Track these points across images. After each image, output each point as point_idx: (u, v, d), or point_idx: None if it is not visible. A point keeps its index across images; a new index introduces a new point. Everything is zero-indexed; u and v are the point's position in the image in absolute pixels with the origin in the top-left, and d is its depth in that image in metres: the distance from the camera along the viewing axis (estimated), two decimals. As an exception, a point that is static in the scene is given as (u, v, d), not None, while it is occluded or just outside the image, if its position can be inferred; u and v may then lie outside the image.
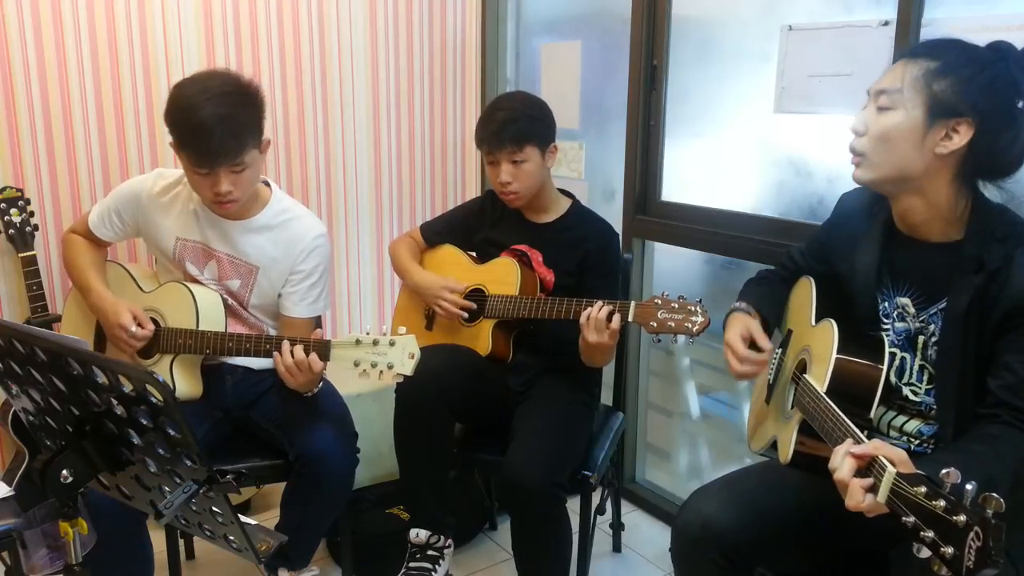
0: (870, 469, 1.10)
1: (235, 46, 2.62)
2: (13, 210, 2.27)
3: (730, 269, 2.46)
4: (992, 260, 1.31)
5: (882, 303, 1.49)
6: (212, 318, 1.92)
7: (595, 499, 2.11)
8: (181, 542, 2.26)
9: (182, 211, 1.97)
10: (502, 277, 2.10)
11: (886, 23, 1.92)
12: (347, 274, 3.02)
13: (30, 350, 1.16)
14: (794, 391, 1.48)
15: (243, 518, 1.18)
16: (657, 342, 1.83)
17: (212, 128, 1.70)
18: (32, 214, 2.30)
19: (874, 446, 1.12)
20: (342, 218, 2.96)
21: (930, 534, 0.95)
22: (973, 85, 1.31)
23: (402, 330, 1.72)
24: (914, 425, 1.45)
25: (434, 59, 3.05)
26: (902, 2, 1.87)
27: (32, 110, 2.34)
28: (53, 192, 2.42)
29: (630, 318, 1.83)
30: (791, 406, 1.47)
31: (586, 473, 1.97)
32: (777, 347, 1.67)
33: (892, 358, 1.44)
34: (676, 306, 1.79)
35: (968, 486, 0.94)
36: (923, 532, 0.96)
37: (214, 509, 1.16)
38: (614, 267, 2.13)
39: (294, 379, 1.80)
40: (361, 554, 2.26)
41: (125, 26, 2.43)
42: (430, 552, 2.07)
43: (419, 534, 2.06)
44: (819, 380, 1.36)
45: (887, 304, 1.49)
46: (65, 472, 1.14)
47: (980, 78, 1.31)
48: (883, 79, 1.39)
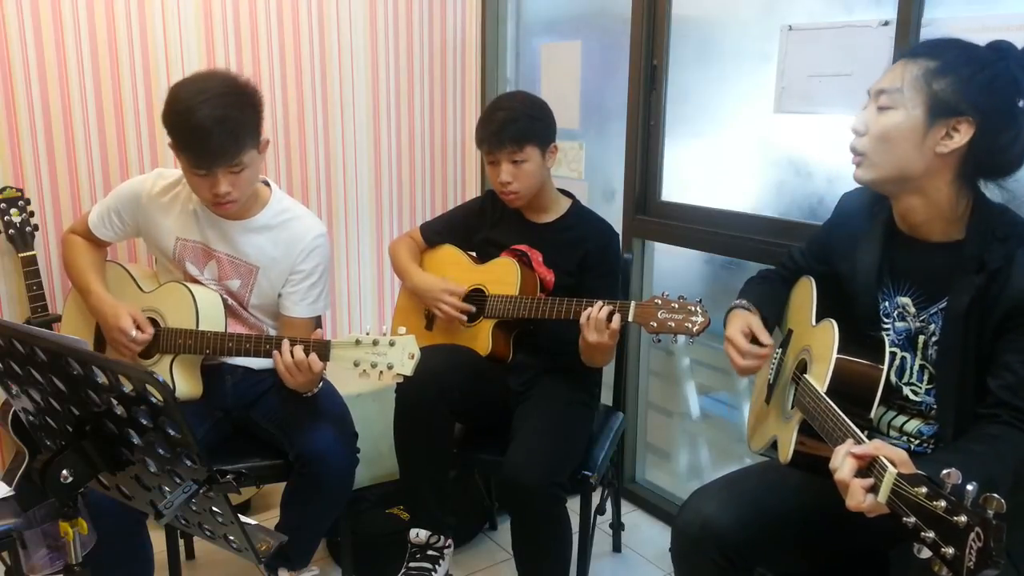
0: (871, 469, 1.10)
1: (235, 46, 2.62)
2: (13, 210, 2.27)
3: (730, 269, 2.46)
4: (993, 260, 1.31)
5: (883, 303, 1.49)
6: (212, 318, 1.92)
7: (595, 499, 2.11)
8: (181, 542, 2.26)
9: (182, 211, 1.97)
10: (502, 277, 2.10)
11: (886, 23, 1.92)
12: (347, 274, 3.02)
13: (30, 350, 1.16)
14: (794, 391, 1.48)
15: (243, 518, 1.18)
16: (657, 342, 1.83)
17: (210, 129, 1.70)
18: (32, 214, 2.30)
19: (875, 446, 1.12)
20: (342, 218, 2.96)
21: (931, 534, 0.95)
22: (973, 84, 1.31)
23: (402, 330, 1.72)
24: (914, 425, 1.45)
25: (434, 59, 3.05)
26: (902, 2, 1.87)
27: (32, 110, 2.34)
28: (53, 192, 2.42)
29: (630, 318, 1.83)
30: (791, 406, 1.47)
31: (586, 473, 1.97)
32: (777, 347, 1.67)
33: (892, 358, 1.44)
34: (676, 306, 1.79)
35: (969, 487, 0.94)
36: (924, 532, 0.96)
37: (214, 509, 1.16)
38: (614, 267, 2.13)
39: (294, 379, 1.80)
40: (361, 554, 2.26)
41: (125, 26, 2.43)
42: (430, 552, 2.07)
43: (419, 534, 2.06)
44: (819, 380, 1.36)
45: (887, 304, 1.49)
46: (65, 472, 1.14)
47: (980, 77, 1.31)
48: (883, 79, 1.39)
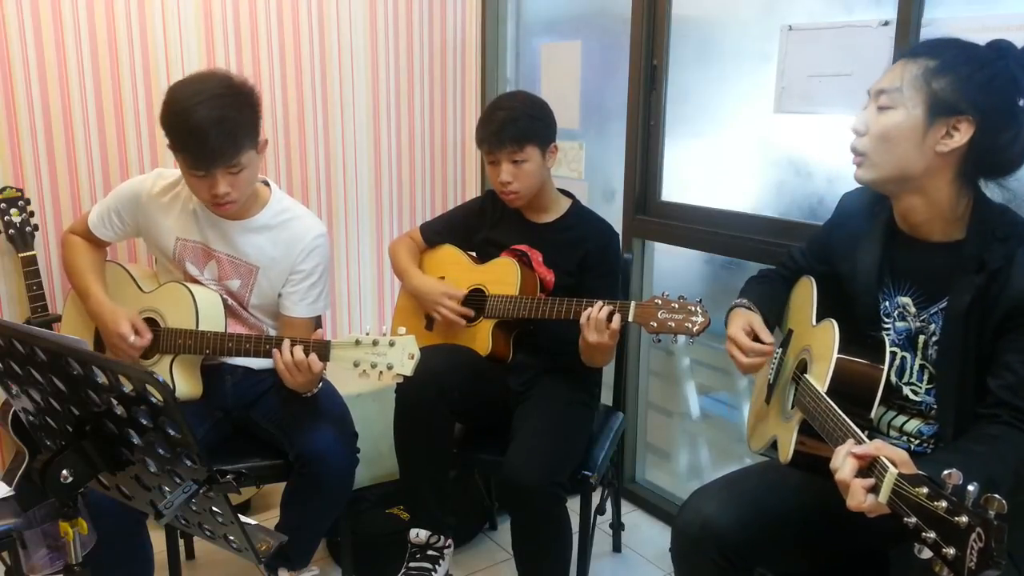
0: (871, 469, 1.10)
1: (235, 46, 2.62)
2: (13, 210, 2.27)
3: (730, 269, 2.46)
4: (993, 260, 1.31)
5: (883, 303, 1.49)
6: (212, 318, 1.92)
7: (595, 499, 2.11)
8: (181, 542, 2.26)
9: (182, 211, 1.97)
10: (502, 277, 2.10)
11: (886, 23, 1.92)
12: (347, 274, 3.02)
13: (30, 350, 1.16)
14: (794, 391, 1.48)
15: (243, 518, 1.18)
16: (657, 342, 1.83)
17: (207, 131, 1.70)
18: (32, 214, 2.30)
19: (875, 447, 1.12)
20: (342, 218, 2.96)
21: (932, 535, 0.95)
22: (972, 83, 1.31)
23: (402, 330, 1.72)
24: (914, 425, 1.45)
25: (434, 59, 3.05)
26: (902, 2, 1.87)
27: (32, 110, 2.34)
28: (53, 192, 2.41)
29: (630, 318, 1.83)
30: (791, 406, 1.47)
31: (586, 473, 1.97)
32: (778, 347, 1.67)
33: (892, 357, 1.44)
34: (676, 306, 1.79)
35: (970, 487, 0.94)
36: (925, 533, 0.96)
37: (214, 509, 1.16)
38: (614, 267, 2.13)
39: (293, 379, 1.80)
40: (361, 554, 2.25)
41: (125, 26, 2.43)
42: (430, 552, 2.07)
43: (419, 534, 2.06)
44: (820, 380, 1.36)
45: (888, 304, 1.49)
46: (65, 472, 1.14)
47: (979, 76, 1.31)
48: (883, 79, 1.40)
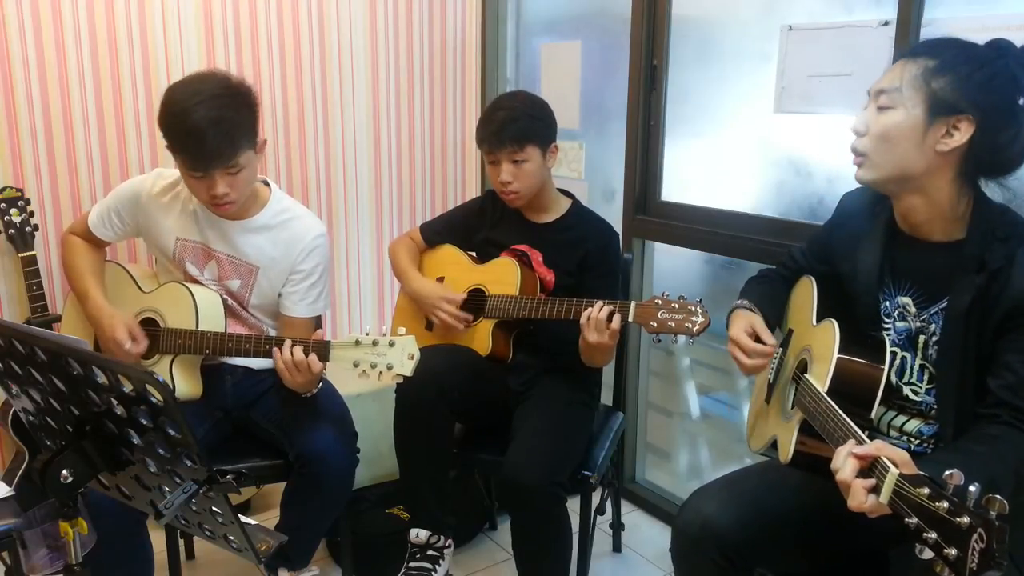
0: (872, 470, 1.10)
1: (235, 46, 2.62)
2: (13, 210, 2.27)
3: (730, 269, 2.46)
4: (993, 260, 1.32)
5: (883, 303, 1.49)
6: (212, 318, 1.92)
7: (595, 499, 2.11)
8: (181, 542, 2.25)
9: (182, 211, 1.97)
10: (502, 277, 2.10)
11: (886, 23, 1.92)
12: (347, 274, 3.02)
13: (30, 350, 1.16)
14: (795, 391, 1.48)
15: (243, 518, 1.18)
16: (657, 342, 1.83)
17: (204, 131, 1.70)
18: (32, 214, 2.30)
19: (876, 447, 1.12)
20: (342, 218, 2.96)
21: (933, 535, 0.95)
22: (972, 82, 1.31)
23: (402, 331, 1.72)
24: (914, 425, 1.45)
25: (434, 59, 3.05)
26: (902, 2, 1.87)
27: (32, 110, 2.33)
28: (53, 192, 2.41)
29: (630, 318, 1.83)
30: (792, 406, 1.47)
31: (586, 473, 1.97)
32: (778, 347, 1.67)
33: (893, 357, 1.44)
34: (676, 306, 1.79)
35: (971, 487, 0.94)
36: (926, 533, 0.96)
37: (214, 509, 1.16)
38: (614, 267, 2.13)
39: (293, 379, 1.80)
40: (361, 554, 2.25)
41: (125, 26, 2.43)
42: (430, 552, 2.07)
43: (419, 534, 2.06)
44: (820, 380, 1.36)
45: (888, 304, 1.49)
46: (65, 472, 1.14)
47: (979, 75, 1.31)
48: (883, 79, 1.40)
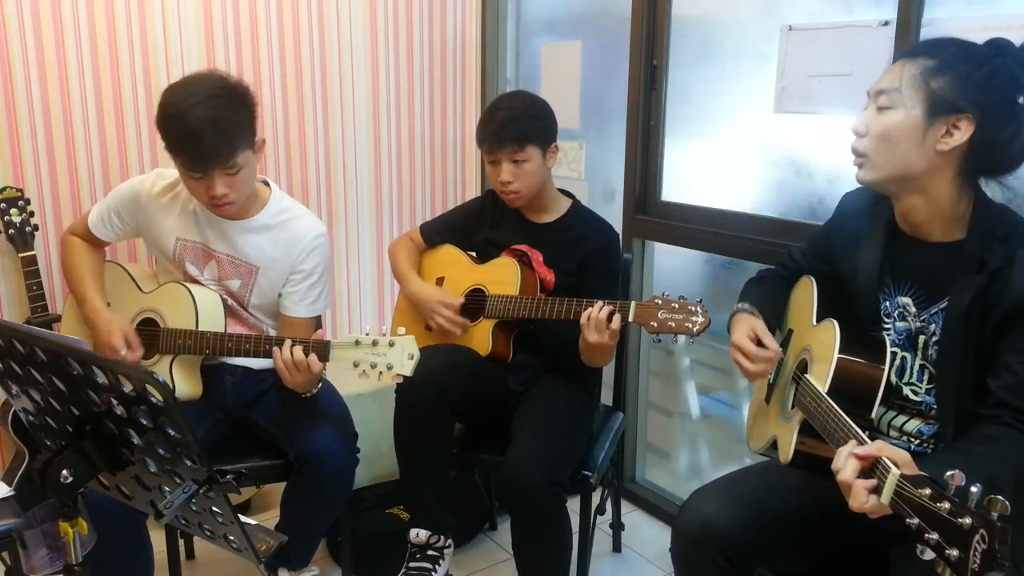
0: (873, 470, 1.10)
1: (235, 46, 2.62)
2: (13, 210, 2.27)
3: (730, 269, 2.46)
4: (993, 260, 1.31)
5: (883, 303, 1.49)
6: (212, 318, 1.92)
7: (595, 499, 2.11)
8: (181, 542, 2.25)
9: (182, 211, 1.97)
10: (502, 277, 2.10)
11: (886, 23, 1.92)
12: (347, 274, 3.02)
13: (30, 350, 1.16)
14: (795, 391, 1.48)
15: (243, 518, 1.18)
16: (657, 342, 1.83)
17: (202, 132, 1.69)
18: (32, 214, 2.30)
19: (877, 447, 1.12)
20: (342, 218, 2.96)
21: (934, 536, 0.95)
22: (971, 81, 1.31)
23: (401, 331, 1.72)
24: (914, 425, 1.45)
25: (434, 59, 3.05)
26: (902, 2, 1.87)
27: (32, 110, 2.33)
28: (53, 192, 2.41)
29: (630, 318, 1.83)
30: (792, 406, 1.47)
31: (586, 473, 1.97)
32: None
33: (893, 358, 1.44)
34: (676, 306, 1.79)
35: (973, 488, 0.94)
36: (927, 534, 0.96)
37: (214, 509, 1.16)
38: (614, 267, 2.13)
39: (292, 378, 1.80)
40: (361, 554, 2.25)
41: (125, 26, 2.43)
42: (430, 552, 2.07)
43: (419, 534, 2.06)
44: (820, 380, 1.36)
45: (888, 304, 1.49)
46: (65, 472, 1.14)
47: (978, 74, 1.31)
48: (882, 79, 1.40)
